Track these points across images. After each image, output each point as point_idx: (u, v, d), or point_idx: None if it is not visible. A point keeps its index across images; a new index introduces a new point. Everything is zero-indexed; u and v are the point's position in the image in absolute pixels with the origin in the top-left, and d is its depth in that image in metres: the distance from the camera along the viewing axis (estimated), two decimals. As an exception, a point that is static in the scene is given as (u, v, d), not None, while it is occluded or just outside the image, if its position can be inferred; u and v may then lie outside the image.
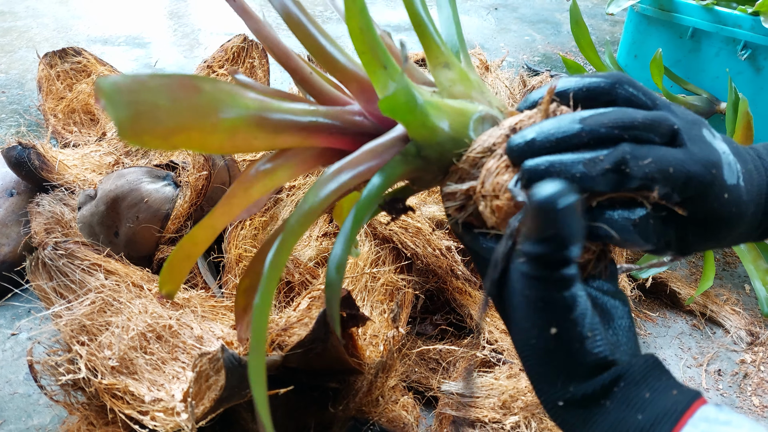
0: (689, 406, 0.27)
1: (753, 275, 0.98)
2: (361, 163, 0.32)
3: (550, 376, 0.28)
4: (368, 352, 0.69)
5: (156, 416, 0.55)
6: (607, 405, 0.27)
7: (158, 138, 0.25)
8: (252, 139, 0.30)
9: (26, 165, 0.94)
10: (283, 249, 0.30)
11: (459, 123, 0.32)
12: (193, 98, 0.26)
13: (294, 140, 0.32)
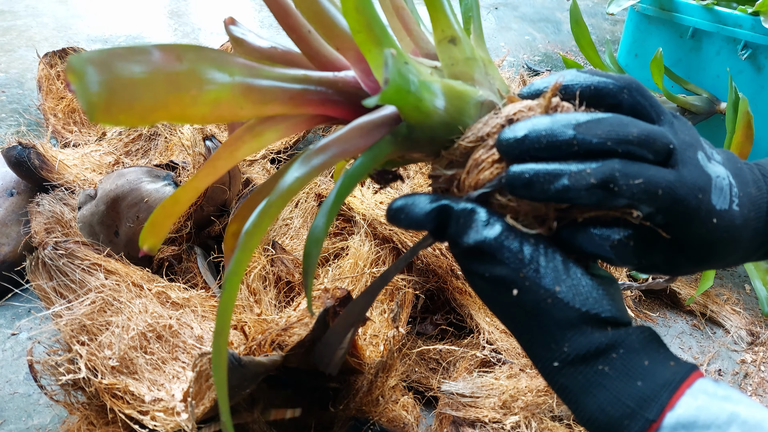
0: (687, 377, 0.28)
1: (753, 275, 0.98)
2: (348, 141, 0.31)
3: (541, 338, 0.28)
4: (368, 352, 0.69)
5: (156, 416, 0.55)
6: (607, 371, 0.27)
7: (135, 116, 0.24)
8: (237, 110, 0.28)
9: (26, 164, 0.94)
10: (263, 220, 0.29)
11: (456, 107, 0.31)
12: (174, 68, 0.24)
13: (283, 109, 0.31)
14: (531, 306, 0.28)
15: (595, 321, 0.28)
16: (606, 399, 0.27)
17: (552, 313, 0.28)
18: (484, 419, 0.67)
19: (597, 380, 0.28)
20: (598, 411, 0.27)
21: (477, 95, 0.32)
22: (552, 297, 0.27)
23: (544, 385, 0.69)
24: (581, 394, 0.28)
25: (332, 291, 0.60)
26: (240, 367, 0.52)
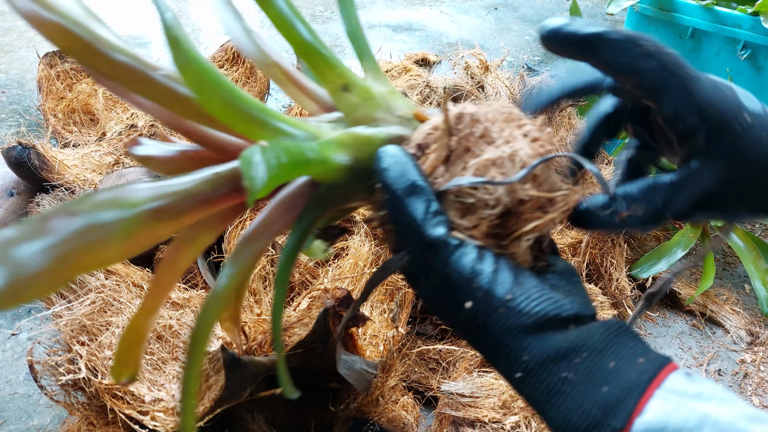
0: (656, 375, 0.26)
1: (753, 275, 0.98)
2: (274, 221, 0.31)
3: (500, 350, 0.27)
4: (368, 352, 0.69)
5: (156, 416, 0.55)
6: (570, 378, 0.26)
7: (45, 286, 0.23)
8: (153, 233, 0.27)
9: (26, 165, 0.94)
10: (204, 324, 0.30)
11: (366, 153, 0.31)
12: (71, 228, 0.24)
13: (201, 213, 0.30)
14: (484, 318, 0.27)
15: (554, 323, 0.27)
16: (570, 408, 0.26)
17: (507, 322, 0.27)
18: (484, 419, 0.67)
19: (560, 388, 0.26)
20: (563, 422, 0.26)
21: (383, 135, 0.32)
22: (504, 306, 0.27)
23: (544, 385, 0.69)
24: (545, 404, 0.27)
25: (332, 291, 0.60)
26: (240, 368, 0.52)
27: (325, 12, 2.36)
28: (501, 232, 0.29)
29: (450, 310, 0.28)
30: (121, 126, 1.17)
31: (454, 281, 0.27)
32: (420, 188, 0.29)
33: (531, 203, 0.29)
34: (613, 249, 0.97)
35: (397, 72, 1.48)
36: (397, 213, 0.29)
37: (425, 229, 0.28)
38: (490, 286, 0.27)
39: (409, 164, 0.29)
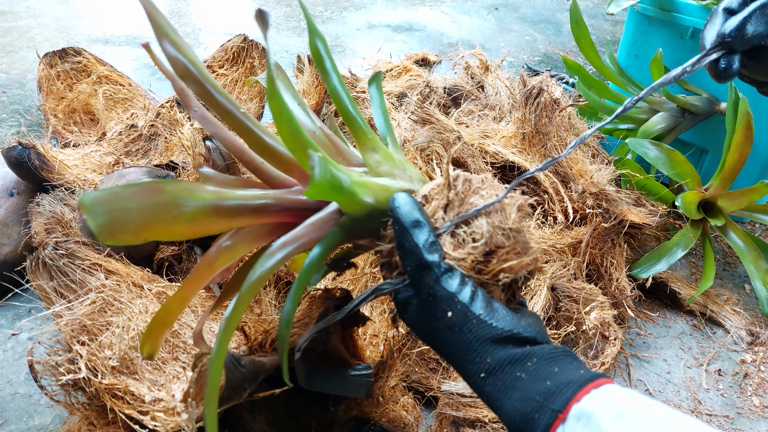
0: (595, 380, 0.32)
1: (753, 275, 0.98)
2: (303, 237, 0.38)
3: (469, 354, 0.34)
4: (368, 352, 0.69)
5: (156, 416, 0.55)
6: (522, 377, 0.32)
7: (130, 235, 0.31)
8: (210, 224, 0.36)
9: (26, 165, 0.94)
10: (237, 309, 0.37)
11: (383, 197, 0.40)
12: (158, 198, 0.32)
13: (248, 221, 0.38)
14: (460, 326, 0.34)
15: (514, 339, 0.34)
16: (519, 398, 0.32)
17: (478, 331, 0.34)
18: (484, 419, 0.67)
19: (513, 384, 0.32)
20: (512, 409, 0.32)
21: (398, 186, 0.42)
22: (477, 318, 0.34)
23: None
24: (501, 397, 0.33)
25: (332, 291, 0.60)
26: (240, 368, 0.52)
27: (325, 12, 2.36)
28: (483, 268, 0.38)
29: (432, 322, 0.36)
30: (121, 126, 1.17)
31: (440, 296, 0.35)
32: (423, 224, 0.38)
33: (508, 246, 0.38)
34: (613, 249, 0.97)
35: (397, 72, 1.48)
36: (403, 240, 0.38)
37: (424, 253, 0.37)
38: (469, 302, 0.35)
39: (416, 206, 0.39)
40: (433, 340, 0.37)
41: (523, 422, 0.31)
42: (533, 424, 0.31)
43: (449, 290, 0.35)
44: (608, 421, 0.29)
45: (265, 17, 0.38)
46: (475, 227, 0.38)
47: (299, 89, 1.25)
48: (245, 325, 0.66)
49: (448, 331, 0.35)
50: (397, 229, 0.38)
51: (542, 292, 0.84)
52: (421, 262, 0.36)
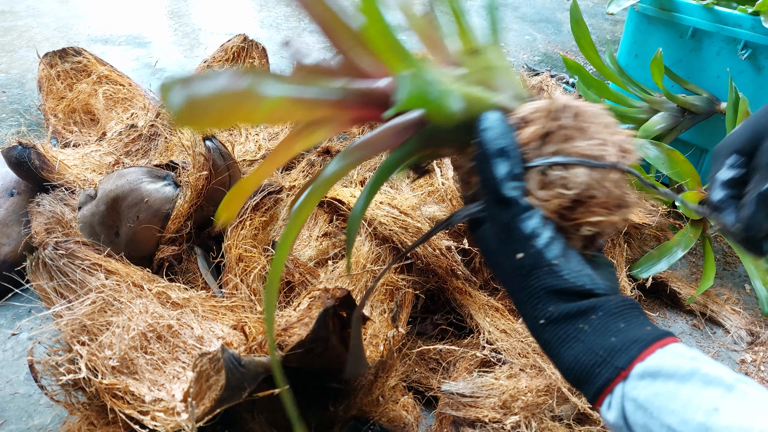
0: (661, 339, 0.31)
1: (753, 275, 0.98)
2: (382, 139, 0.36)
3: (532, 299, 0.33)
4: (368, 352, 0.69)
5: (156, 416, 0.55)
6: (585, 329, 0.32)
7: (209, 122, 0.30)
8: (289, 114, 0.35)
9: (26, 165, 0.94)
10: (309, 200, 0.36)
11: (475, 111, 0.36)
12: (240, 85, 0.31)
13: (328, 113, 0.37)
14: (529, 270, 0.33)
15: (584, 294, 0.32)
16: (581, 350, 0.31)
17: (546, 280, 0.33)
18: (484, 419, 0.67)
19: (575, 335, 0.32)
20: (573, 360, 0.31)
21: (493, 100, 0.37)
22: (549, 266, 0.33)
23: (545, 385, 0.69)
24: (560, 346, 0.32)
25: (332, 291, 0.60)
26: (240, 368, 0.52)
27: (326, 12, 2.36)
28: (567, 214, 0.34)
29: (501, 257, 0.34)
30: (121, 126, 1.17)
31: (515, 235, 0.33)
32: (509, 153, 0.34)
33: (600, 200, 0.34)
34: (613, 249, 0.97)
35: (398, 72, 1.48)
36: (483, 168, 0.35)
37: (503, 187, 0.34)
38: (544, 248, 0.33)
39: (506, 131, 0.35)
40: (497, 272, 0.36)
41: (583, 374, 0.31)
42: (593, 377, 0.31)
43: (525, 231, 0.33)
44: (672, 383, 0.28)
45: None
46: (571, 174, 0.34)
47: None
48: (245, 325, 0.66)
49: (515, 270, 0.34)
50: (479, 153, 0.35)
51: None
52: (498, 195, 0.34)
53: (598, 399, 0.31)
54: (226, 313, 0.72)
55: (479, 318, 0.80)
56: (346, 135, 1.21)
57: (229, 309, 0.73)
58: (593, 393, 0.31)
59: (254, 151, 1.08)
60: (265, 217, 0.92)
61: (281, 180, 1.07)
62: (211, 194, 0.87)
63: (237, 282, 0.80)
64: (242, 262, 0.83)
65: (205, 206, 0.87)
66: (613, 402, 0.30)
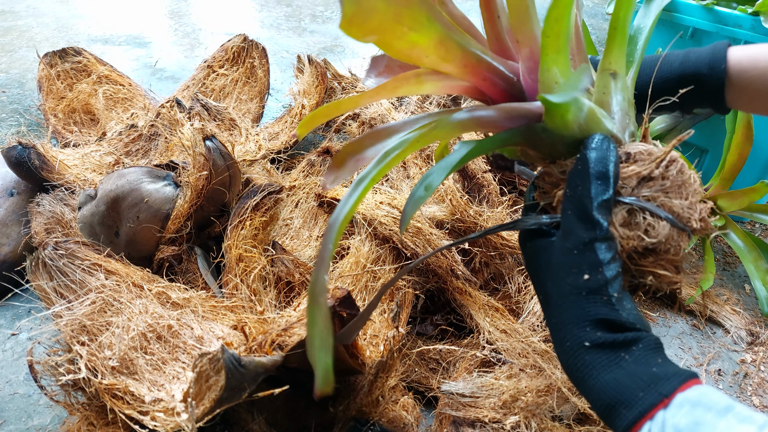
0: (694, 378, 0.33)
1: (753, 275, 0.98)
2: (494, 118, 0.37)
3: (581, 320, 0.34)
4: (368, 352, 0.69)
5: (156, 416, 0.55)
6: (626, 358, 0.33)
7: (362, 32, 0.31)
8: (424, 56, 0.35)
9: (26, 165, 0.94)
10: (413, 145, 0.35)
11: (587, 129, 0.37)
12: (402, 8, 0.31)
13: (455, 70, 0.37)
14: (588, 293, 0.34)
15: (627, 327, 0.34)
16: (623, 375, 0.33)
17: (601, 309, 0.34)
18: (484, 419, 0.67)
19: (617, 362, 0.33)
20: (613, 383, 0.33)
21: (608, 126, 0.38)
22: (608, 297, 0.34)
23: (545, 385, 0.69)
24: (601, 370, 0.33)
25: (332, 291, 0.60)
26: (240, 368, 0.52)
27: (326, 12, 2.36)
28: (636, 258, 0.36)
29: (561, 272, 0.36)
30: (121, 126, 1.17)
31: (587, 257, 0.35)
32: (609, 179, 0.35)
33: (672, 258, 0.36)
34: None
35: (398, 72, 1.48)
36: (579, 184, 0.36)
37: (593, 208, 0.35)
38: (609, 279, 0.34)
39: (614, 159, 0.36)
40: (549, 284, 0.37)
41: (623, 397, 0.32)
42: (635, 401, 0.32)
43: (598, 256, 0.34)
44: (711, 415, 0.30)
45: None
46: (657, 224, 0.35)
47: (299, 89, 1.25)
48: (245, 326, 0.66)
49: (574, 289, 0.35)
50: (579, 168, 0.36)
51: (542, 292, 0.84)
52: (586, 214, 0.35)
53: (637, 423, 0.32)
54: (226, 314, 0.72)
55: (479, 318, 0.80)
56: (346, 135, 1.21)
57: (229, 309, 0.73)
58: (633, 417, 0.32)
59: (254, 151, 1.08)
60: (265, 217, 0.92)
61: (281, 180, 1.07)
62: (211, 194, 0.87)
63: (237, 282, 0.80)
64: (242, 263, 0.83)
65: (205, 206, 0.87)
66: (653, 428, 0.31)
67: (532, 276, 0.39)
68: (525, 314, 0.82)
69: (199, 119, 1.09)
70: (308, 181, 1.06)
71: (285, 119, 1.23)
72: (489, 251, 0.86)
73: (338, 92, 1.29)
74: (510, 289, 0.87)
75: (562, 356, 0.35)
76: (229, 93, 1.34)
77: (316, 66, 1.24)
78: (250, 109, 1.31)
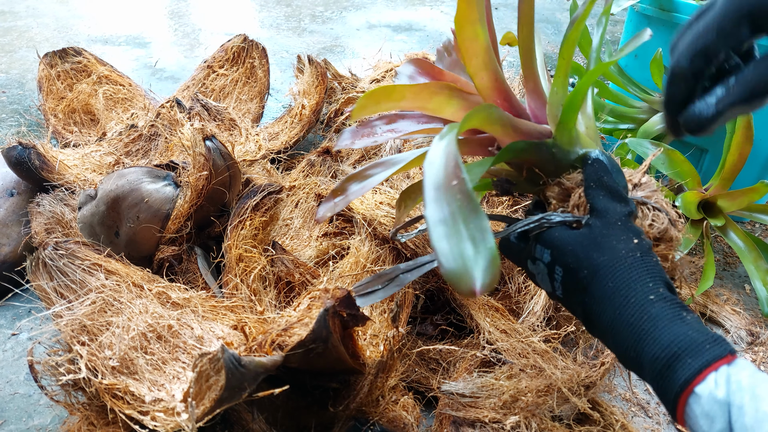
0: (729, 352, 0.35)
1: (753, 275, 0.98)
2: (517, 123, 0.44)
3: (646, 275, 0.38)
4: (368, 352, 0.69)
5: (156, 416, 0.55)
6: (687, 317, 0.36)
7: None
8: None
9: (26, 165, 0.94)
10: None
11: (585, 150, 0.46)
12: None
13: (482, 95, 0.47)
14: (646, 250, 0.39)
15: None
16: (688, 329, 0.35)
17: (656, 267, 0.39)
18: (484, 419, 0.67)
19: (681, 318, 0.35)
20: (681, 334, 0.35)
21: (596, 151, 0.47)
22: (656, 258, 0.40)
23: (545, 385, 0.69)
24: (668, 322, 0.35)
25: (332, 291, 0.60)
26: (240, 368, 0.52)
27: (326, 12, 2.36)
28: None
29: (612, 239, 0.40)
30: (121, 126, 1.17)
31: (630, 226, 0.40)
32: (621, 173, 0.44)
33: (672, 246, 0.44)
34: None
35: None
36: (603, 175, 0.43)
37: (620, 189, 0.42)
38: (649, 247, 0.40)
39: (618, 163, 0.45)
40: (592, 258, 0.40)
41: (691, 346, 0.34)
42: (702, 351, 0.34)
43: (636, 226, 0.40)
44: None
45: None
46: (660, 215, 0.44)
47: (299, 89, 1.25)
48: (245, 325, 0.66)
49: (630, 252, 0.38)
50: (597, 167, 0.43)
51: (542, 293, 0.84)
52: (619, 194, 0.41)
53: (702, 372, 0.33)
54: (226, 314, 0.72)
55: (479, 318, 0.80)
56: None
57: (229, 309, 0.73)
58: (699, 365, 0.33)
59: (254, 151, 1.08)
60: (265, 217, 0.92)
61: (281, 180, 1.07)
62: (211, 194, 0.87)
63: (237, 282, 0.80)
64: (242, 262, 0.83)
65: (205, 206, 0.87)
66: (718, 379, 0.33)
67: (563, 261, 0.41)
68: (525, 314, 0.82)
69: (199, 119, 1.09)
70: (308, 181, 1.06)
71: (285, 119, 1.23)
72: (489, 251, 0.86)
73: (338, 92, 1.29)
74: (510, 289, 0.87)
75: (626, 313, 0.37)
76: (229, 93, 1.34)
77: (316, 66, 1.24)
78: (250, 109, 1.31)
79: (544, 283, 0.45)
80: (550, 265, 0.43)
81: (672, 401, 0.34)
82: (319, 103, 1.21)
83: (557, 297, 0.45)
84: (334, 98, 1.29)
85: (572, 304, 0.43)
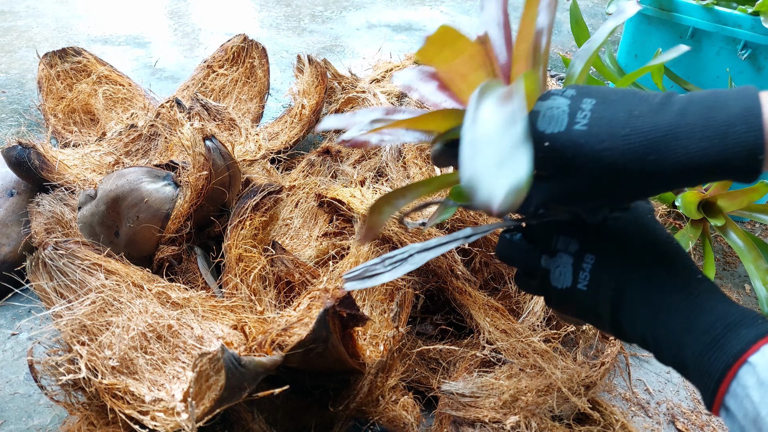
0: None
1: (753, 275, 0.98)
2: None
3: (688, 262, 0.39)
4: (368, 352, 0.69)
5: (156, 416, 0.55)
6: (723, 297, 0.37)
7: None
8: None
9: (26, 165, 0.94)
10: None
11: None
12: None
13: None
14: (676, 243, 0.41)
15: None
16: (739, 307, 0.36)
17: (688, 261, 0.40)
18: (484, 419, 0.67)
19: (719, 296, 0.37)
20: (735, 307, 0.36)
21: None
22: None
23: (545, 385, 0.69)
24: (720, 298, 0.36)
25: (332, 291, 0.60)
26: (240, 368, 0.52)
27: (325, 12, 2.36)
28: None
29: (649, 228, 0.41)
30: (121, 126, 1.17)
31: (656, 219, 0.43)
32: None
33: None
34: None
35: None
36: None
37: None
38: None
39: None
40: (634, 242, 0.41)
41: (746, 319, 0.34)
42: (756, 323, 0.34)
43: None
44: None
45: None
46: None
47: (299, 89, 1.25)
48: (245, 325, 0.66)
49: (670, 238, 0.41)
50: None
51: (542, 292, 0.84)
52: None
53: (759, 341, 0.33)
54: (226, 313, 0.72)
55: (479, 318, 0.80)
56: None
57: (229, 309, 0.73)
58: (754, 336, 0.33)
59: (254, 151, 1.08)
60: (265, 217, 0.92)
61: (281, 180, 1.07)
62: (211, 194, 0.87)
63: (237, 282, 0.80)
64: (242, 262, 0.83)
65: (204, 206, 0.87)
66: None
67: (598, 247, 0.41)
68: (525, 314, 0.82)
69: (199, 119, 1.09)
70: (308, 181, 1.06)
71: (285, 119, 1.23)
72: (489, 251, 0.86)
73: (338, 92, 1.29)
74: (510, 288, 0.87)
75: (676, 288, 0.38)
76: (229, 93, 1.34)
77: (316, 66, 1.24)
78: (249, 109, 1.31)
79: (562, 277, 0.42)
80: (578, 253, 0.41)
81: (720, 374, 0.34)
82: (319, 102, 1.21)
83: (572, 292, 0.42)
84: (334, 98, 1.29)
85: (598, 294, 0.41)
